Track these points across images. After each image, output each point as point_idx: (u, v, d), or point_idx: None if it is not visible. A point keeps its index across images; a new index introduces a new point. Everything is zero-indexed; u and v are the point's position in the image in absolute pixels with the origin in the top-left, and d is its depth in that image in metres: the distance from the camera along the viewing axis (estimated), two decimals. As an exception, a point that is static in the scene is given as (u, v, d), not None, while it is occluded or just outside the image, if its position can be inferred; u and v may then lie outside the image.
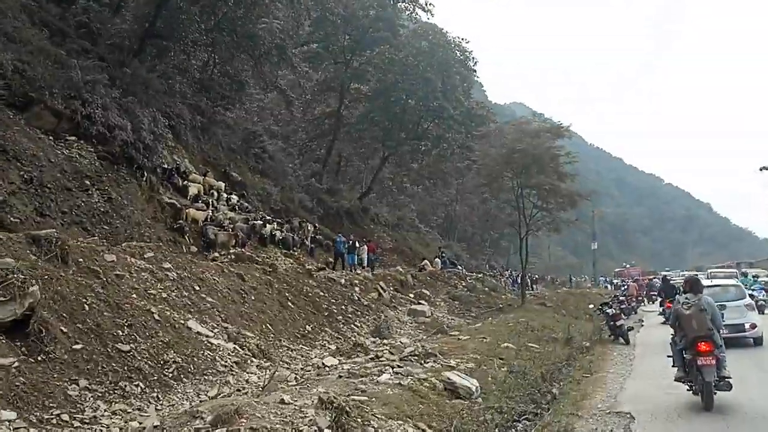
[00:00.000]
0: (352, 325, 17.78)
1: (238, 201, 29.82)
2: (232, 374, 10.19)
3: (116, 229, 19.17)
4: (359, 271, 26.48)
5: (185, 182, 26.79)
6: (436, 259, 38.78)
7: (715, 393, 9.20)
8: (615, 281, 68.30)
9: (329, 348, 14.15)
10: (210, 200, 27.10)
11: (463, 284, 35.40)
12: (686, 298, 9.68)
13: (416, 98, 45.23)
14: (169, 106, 30.16)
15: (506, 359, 12.97)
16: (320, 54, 47.28)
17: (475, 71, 48.38)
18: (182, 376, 9.32)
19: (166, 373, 9.12)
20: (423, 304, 25.74)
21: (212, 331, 11.32)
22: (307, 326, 15.17)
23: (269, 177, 39.09)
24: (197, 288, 12.55)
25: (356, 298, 21.07)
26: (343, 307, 19.10)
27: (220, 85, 37.40)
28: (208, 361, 10.18)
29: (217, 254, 23.24)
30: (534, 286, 62.64)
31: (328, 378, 9.62)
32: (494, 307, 29.73)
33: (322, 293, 18.85)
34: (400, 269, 30.34)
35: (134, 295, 10.60)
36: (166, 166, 25.44)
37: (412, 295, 26.98)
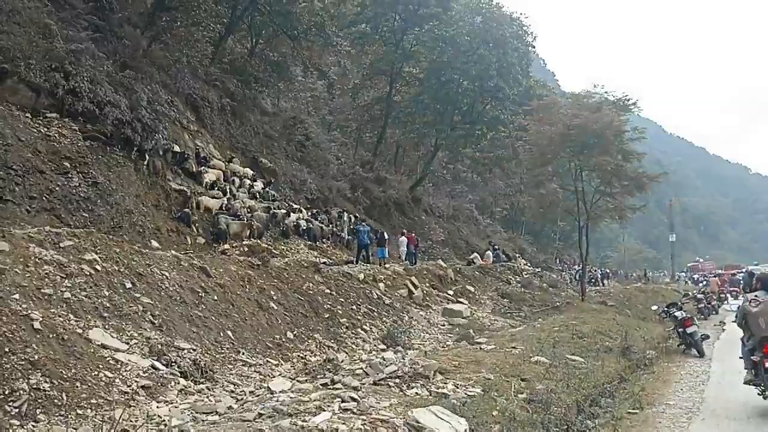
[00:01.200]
0: (360, 329, 14.85)
1: (264, 189, 27.34)
2: (132, 403, 7.44)
3: (98, 218, 16.83)
4: (388, 265, 23.45)
5: (203, 168, 24.47)
6: (488, 252, 35.32)
7: None
8: (695, 276, 62.60)
9: (308, 360, 11.23)
10: (228, 187, 24.68)
11: (518, 280, 31.92)
12: (755, 296, 9.12)
13: (470, 78, 41.72)
14: (193, 88, 28.14)
15: (530, 380, 9.73)
16: (368, 35, 44.44)
17: (534, 47, 44.37)
18: (39, 409, 6.61)
19: (10, 407, 6.44)
20: (462, 303, 22.59)
21: (127, 343, 8.61)
22: (290, 332, 12.33)
23: (309, 165, 36.61)
24: (129, 286, 9.89)
25: (376, 296, 18.13)
26: (354, 307, 16.20)
27: (254, 67, 35.22)
28: (101, 385, 7.47)
29: (227, 246, 20.83)
30: (605, 282, 58.15)
31: (238, 418, 6.68)
32: (550, 306, 26.20)
33: (328, 291, 16.00)
34: (441, 263, 27.12)
35: (16, 295, 8.00)
36: (177, 149, 23.10)
37: (451, 293, 23.81)
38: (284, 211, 25.04)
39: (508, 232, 65.91)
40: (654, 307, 17.37)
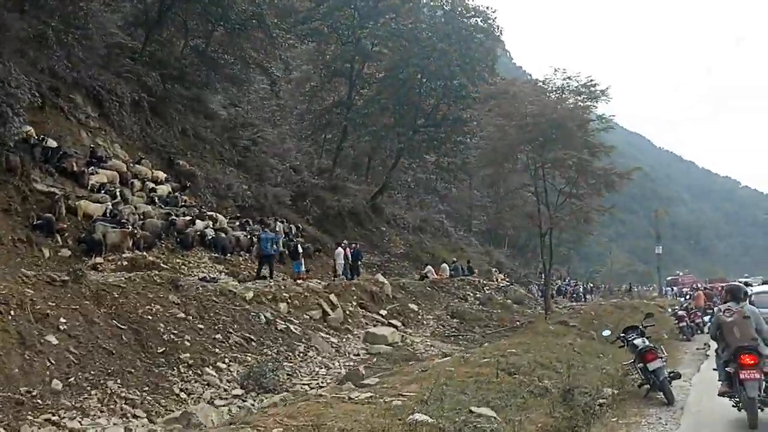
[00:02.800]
0: (210, 367, 10.87)
1: (172, 193, 23.40)
2: None
3: None
4: (301, 281, 19.52)
5: (91, 168, 20.57)
6: (443, 265, 31.40)
7: (761, 410, 8.36)
8: (684, 290, 58.84)
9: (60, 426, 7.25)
10: (121, 191, 20.74)
11: (478, 296, 28.03)
12: (728, 307, 9.06)
13: (431, 76, 38.03)
14: (97, 79, 24.36)
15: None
16: (323, 33, 40.68)
17: (501, 41, 40.79)
18: None
19: None
20: (392, 326, 18.69)
21: None
22: (58, 380, 8.33)
23: (248, 171, 32.75)
24: None
25: (265, 320, 14.18)
26: (218, 336, 12.28)
27: (183, 62, 31.45)
28: None
29: (101, 259, 16.96)
30: (587, 296, 54.35)
31: None
32: (507, 326, 22.39)
33: (183, 315, 12.10)
34: (380, 277, 23.16)
35: None
36: (51, 144, 19.22)
37: (384, 313, 19.91)
38: (188, 219, 21.06)
39: (485, 246, 62.05)
40: (605, 333, 13.18)
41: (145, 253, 18.38)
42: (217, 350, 11.79)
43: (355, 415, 7.58)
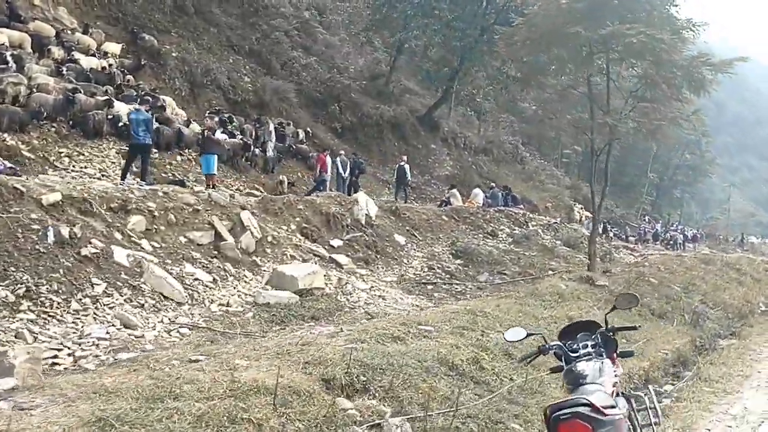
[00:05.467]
0: None
1: (105, 70, 18.35)
2: None
3: None
4: (214, 189, 14.05)
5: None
6: (476, 191, 24.96)
7: None
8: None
9: None
10: (16, 55, 15.87)
11: (515, 232, 21.71)
12: None
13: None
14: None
15: None
16: None
17: None
18: None
19: None
20: (334, 263, 13.10)
21: None
22: None
23: (262, 63, 27.33)
24: None
25: (53, 238, 8.90)
26: None
27: None
28: None
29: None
30: (686, 245, 46.06)
31: None
32: (529, 276, 16.27)
33: None
34: (360, 196, 17.19)
35: None
36: None
37: (338, 243, 14.23)
38: (103, 99, 15.93)
39: (574, 179, 54.36)
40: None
41: (13, 138, 13.53)
42: None
43: None
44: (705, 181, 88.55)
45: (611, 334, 4.14)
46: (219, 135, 20.24)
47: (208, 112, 21.95)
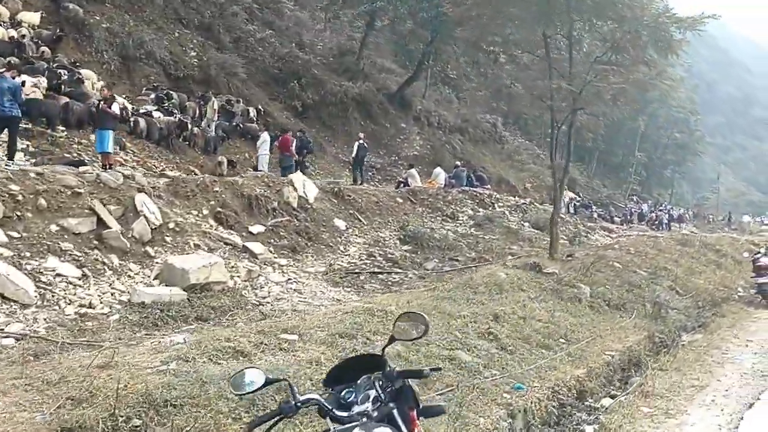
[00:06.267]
0: None
1: (21, 38, 16.65)
2: None
3: None
4: (103, 170, 12.30)
5: None
6: (437, 171, 23.28)
7: None
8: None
9: None
10: None
11: (479, 214, 20.13)
12: None
13: None
14: None
15: None
16: None
17: None
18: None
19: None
20: (248, 253, 11.48)
21: None
22: None
23: (212, 38, 25.47)
24: None
25: None
26: None
27: None
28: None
29: None
30: (671, 225, 44.53)
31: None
32: (483, 261, 14.71)
33: None
34: (297, 177, 15.50)
35: None
36: None
37: (259, 230, 12.59)
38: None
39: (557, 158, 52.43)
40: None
41: None
42: None
43: None
44: (695, 160, 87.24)
45: (402, 380, 2.49)
46: (154, 112, 18.72)
47: (144, 88, 20.25)
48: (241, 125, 21.76)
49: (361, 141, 21.12)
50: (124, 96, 19.20)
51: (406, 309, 7.80)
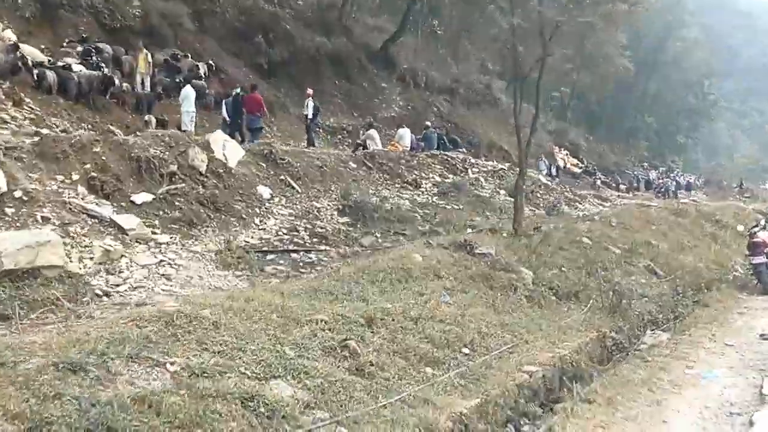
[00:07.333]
0: None
1: None
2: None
3: None
4: None
5: None
6: (401, 131, 20.90)
7: None
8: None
9: None
10: None
11: (447, 181, 17.90)
12: None
13: None
14: None
15: None
16: None
17: None
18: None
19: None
20: (116, 229, 9.35)
21: None
22: None
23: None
24: None
25: None
26: None
27: None
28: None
29: None
30: (678, 192, 41.85)
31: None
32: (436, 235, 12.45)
33: None
34: (216, 136, 13.25)
35: None
36: None
37: (144, 199, 10.43)
38: None
39: (560, 123, 49.99)
40: None
41: None
42: None
43: None
44: (710, 126, 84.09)
45: None
46: (75, 66, 16.52)
47: (67, 40, 18.01)
48: (184, 82, 19.47)
49: (308, 99, 18.89)
50: (43, 48, 17.02)
51: (236, 309, 5.64)
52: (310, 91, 20.07)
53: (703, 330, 7.90)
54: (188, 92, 16.38)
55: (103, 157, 10.59)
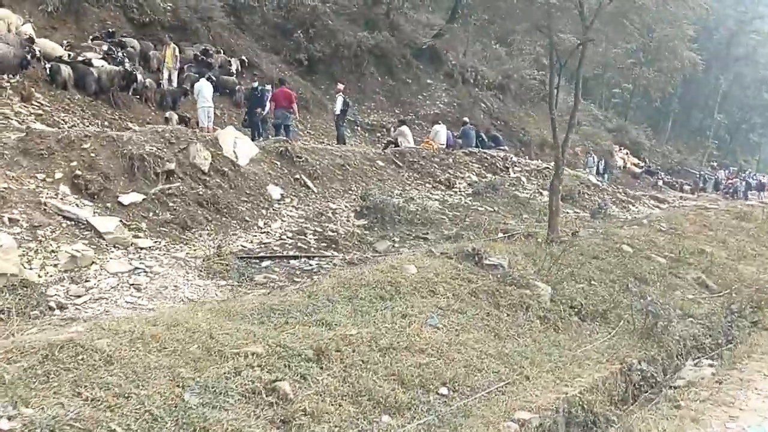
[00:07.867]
0: None
1: None
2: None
3: None
4: None
5: None
6: (437, 128, 19.60)
7: None
8: None
9: None
10: None
11: (485, 180, 16.64)
12: None
13: None
14: None
15: None
16: None
17: None
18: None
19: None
20: (91, 232, 8.52)
21: None
22: None
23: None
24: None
25: None
26: None
27: None
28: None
29: None
30: (747, 194, 38.99)
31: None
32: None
33: None
34: (227, 132, 12.44)
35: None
36: None
37: (134, 199, 9.61)
38: None
39: (618, 120, 47.86)
40: None
41: None
42: None
43: None
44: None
45: None
46: (96, 61, 16.05)
47: (92, 35, 17.61)
48: (214, 78, 18.80)
49: (339, 94, 17.92)
50: (66, 43, 16.62)
51: (149, 337, 4.61)
52: (340, 86, 19.16)
53: (760, 362, 6.46)
54: (202, 86, 15.68)
55: (92, 154, 9.83)
